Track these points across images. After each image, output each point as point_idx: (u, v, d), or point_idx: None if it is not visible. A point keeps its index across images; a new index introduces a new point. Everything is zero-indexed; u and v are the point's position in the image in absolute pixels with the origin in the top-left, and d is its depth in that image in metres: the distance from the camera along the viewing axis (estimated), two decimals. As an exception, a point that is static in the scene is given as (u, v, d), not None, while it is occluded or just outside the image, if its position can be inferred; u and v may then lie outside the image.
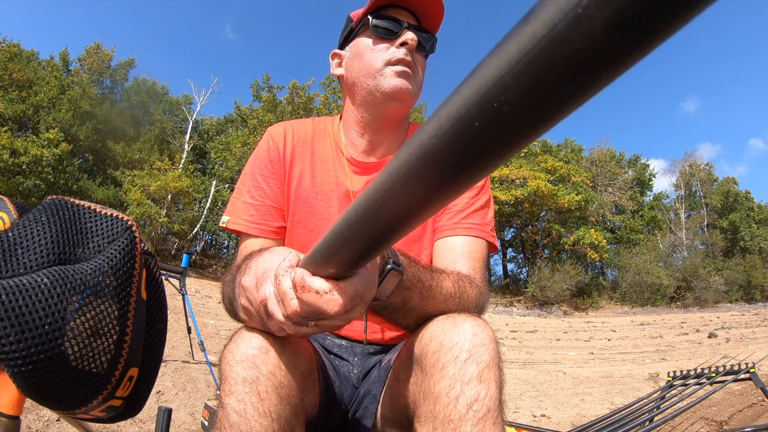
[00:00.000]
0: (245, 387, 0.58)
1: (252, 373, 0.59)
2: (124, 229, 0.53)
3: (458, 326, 0.63)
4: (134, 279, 0.52)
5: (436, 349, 0.62)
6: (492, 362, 0.60)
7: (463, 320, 0.64)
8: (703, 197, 30.86)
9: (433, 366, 0.61)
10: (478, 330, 0.62)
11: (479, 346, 0.60)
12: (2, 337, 0.41)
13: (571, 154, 29.16)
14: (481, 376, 0.58)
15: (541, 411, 4.00)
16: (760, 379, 2.50)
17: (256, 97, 24.62)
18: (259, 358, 0.60)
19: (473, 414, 0.56)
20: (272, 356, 0.61)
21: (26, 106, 18.80)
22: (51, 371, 0.44)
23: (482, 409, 0.56)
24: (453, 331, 0.63)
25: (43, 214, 0.49)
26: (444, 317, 0.66)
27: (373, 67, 0.87)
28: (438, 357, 0.61)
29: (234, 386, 0.59)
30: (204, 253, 21.68)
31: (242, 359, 0.60)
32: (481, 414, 0.56)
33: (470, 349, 0.60)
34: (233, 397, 0.58)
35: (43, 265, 0.47)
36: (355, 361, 0.90)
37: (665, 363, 6.91)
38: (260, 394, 0.58)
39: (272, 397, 0.58)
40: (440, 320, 0.66)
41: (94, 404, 0.49)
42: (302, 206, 0.93)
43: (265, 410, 0.57)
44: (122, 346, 0.50)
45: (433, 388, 0.59)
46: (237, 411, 0.57)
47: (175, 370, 3.52)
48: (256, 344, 0.61)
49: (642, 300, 21.78)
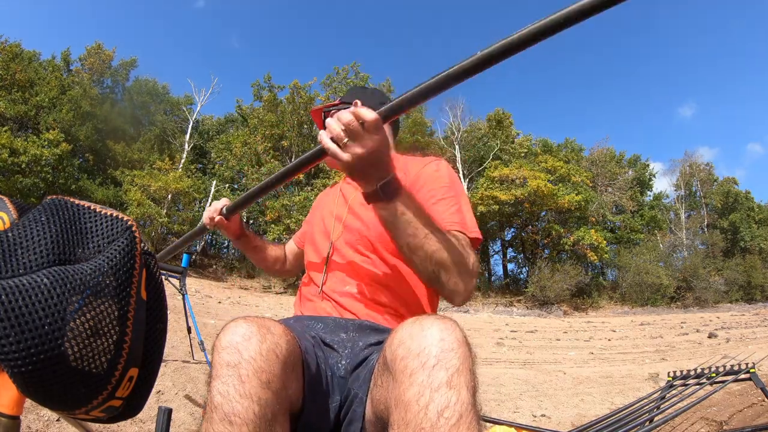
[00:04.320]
0: (228, 371, 0.63)
1: (234, 358, 0.64)
2: (124, 229, 0.54)
3: (425, 330, 0.63)
4: (134, 279, 0.52)
5: (405, 355, 0.62)
6: (462, 367, 0.60)
7: (430, 324, 0.64)
8: (703, 197, 30.86)
9: (402, 372, 0.61)
10: (446, 334, 0.62)
11: (447, 350, 0.60)
12: (2, 338, 0.41)
13: (572, 154, 29.16)
14: (451, 382, 0.58)
15: (541, 411, 4.01)
16: (760, 379, 2.50)
17: (257, 97, 24.64)
18: (242, 344, 0.65)
19: (445, 421, 0.55)
20: (254, 343, 0.65)
21: (27, 106, 18.81)
22: (51, 371, 0.44)
23: (454, 416, 0.56)
24: (420, 335, 0.62)
25: (43, 214, 0.49)
26: (412, 320, 0.66)
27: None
28: (406, 363, 0.61)
29: (219, 370, 0.64)
30: (204, 253, 21.70)
31: (227, 345, 0.65)
32: (453, 421, 0.55)
33: (438, 355, 0.60)
34: (218, 380, 0.63)
35: (43, 265, 0.47)
36: (345, 353, 0.90)
37: (665, 363, 6.91)
38: (241, 377, 0.62)
39: (252, 381, 0.62)
40: (408, 324, 0.66)
41: (94, 404, 0.49)
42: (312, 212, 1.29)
43: (246, 392, 0.61)
44: (122, 347, 0.50)
45: (403, 395, 0.59)
46: (221, 392, 0.62)
47: (175, 370, 3.52)
48: (240, 332, 0.66)
49: (642, 300, 21.77)
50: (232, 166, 22.06)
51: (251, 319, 0.70)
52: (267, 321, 0.71)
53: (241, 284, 19.14)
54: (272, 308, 12.34)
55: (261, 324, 0.69)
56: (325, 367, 0.85)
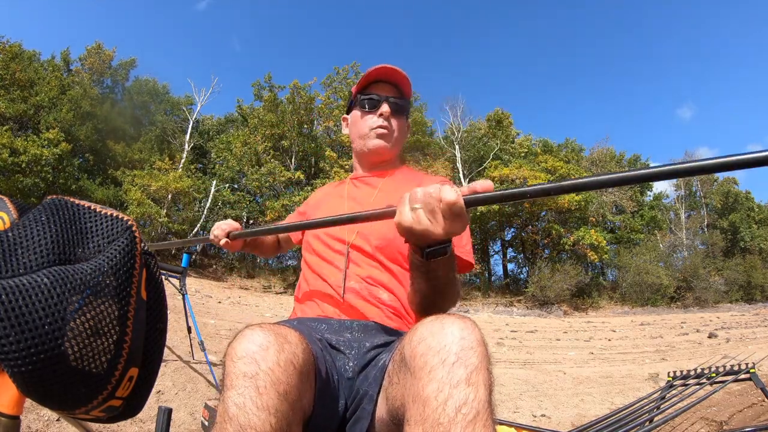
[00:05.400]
0: (245, 382, 0.61)
1: (252, 369, 0.62)
2: (124, 229, 0.53)
3: (446, 328, 0.63)
4: (134, 279, 0.52)
5: (424, 352, 0.62)
6: (480, 365, 0.60)
7: (451, 322, 0.64)
8: (703, 197, 30.85)
9: (422, 369, 0.61)
10: (466, 333, 0.63)
11: (467, 349, 0.61)
12: (2, 338, 0.41)
13: (572, 154, 29.15)
14: (470, 379, 0.59)
15: (541, 411, 4.01)
16: (760, 380, 2.50)
17: (258, 97, 24.64)
18: (259, 354, 0.63)
19: (462, 417, 0.56)
20: (272, 353, 0.63)
21: (27, 106, 18.81)
22: (51, 371, 0.44)
23: (471, 412, 0.56)
24: (441, 333, 0.63)
25: (43, 213, 0.49)
26: (432, 318, 0.67)
27: (362, 131, 1.20)
28: (426, 360, 0.62)
29: (235, 381, 0.62)
30: (204, 252, 21.67)
31: (243, 355, 0.63)
32: (470, 417, 0.56)
33: (458, 352, 0.60)
34: (234, 390, 0.61)
35: (43, 265, 0.47)
36: (352, 354, 0.90)
37: (665, 363, 6.91)
38: (259, 389, 0.60)
39: (270, 393, 0.60)
40: (428, 322, 0.66)
41: (94, 404, 0.49)
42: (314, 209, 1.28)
43: (264, 404, 0.60)
44: (122, 346, 0.50)
45: (422, 391, 0.60)
46: (236, 404, 0.60)
47: (175, 370, 3.52)
48: (258, 341, 0.64)
49: (642, 300, 21.76)
50: (232, 166, 22.05)
51: (267, 327, 0.69)
52: (283, 329, 0.70)
53: (241, 284, 19.14)
54: (272, 308, 12.34)
55: (278, 333, 0.68)
56: (334, 370, 0.85)
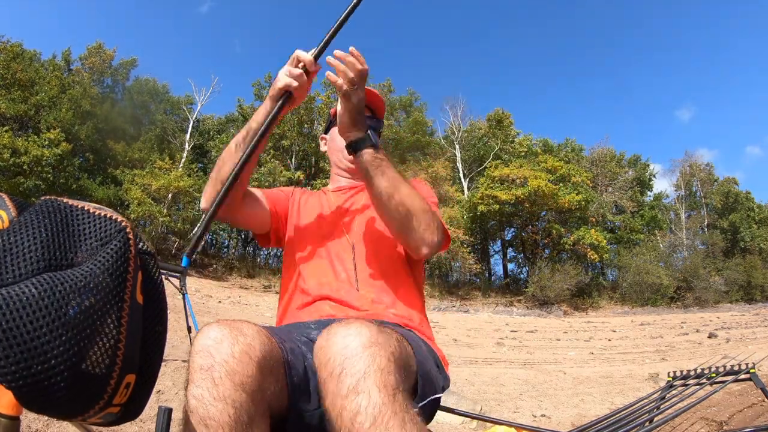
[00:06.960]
0: (202, 374, 0.63)
1: (207, 361, 0.64)
2: (117, 231, 0.52)
3: (330, 339, 0.66)
4: (128, 283, 0.50)
5: (318, 364, 0.66)
6: (368, 370, 0.61)
7: (335, 332, 0.66)
8: (703, 197, 30.83)
9: (320, 381, 0.65)
10: (349, 340, 0.64)
11: (350, 357, 0.62)
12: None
13: (572, 154, 29.15)
14: (357, 387, 0.59)
15: (541, 411, 4.00)
16: (760, 380, 2.49)
17: (258, 97, 24.65)
18: (214, 347, 0.65)
19: (359, 426, 0.57)
20: (226, 345, 0.65)
21: (28, 106, 18.80)
22: (42, 385, 0.43)
23: (367, 420, 0.57)
24: (326, 345, 0.66)
25: (35, 216, 0.48)
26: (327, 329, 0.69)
27: (340, 146, 1.22)
28: (320, 373, 0.65)
29: (193, 374, 0.64)
30: (204, 252, 21.68)
31: (200, 349, 0.66)
32: (367, 425, 0.57)
33: (342, 363, 0.62)
34: (193, 384, 0.63)
35: (32, 272, 0.46)
36: None
37: (665, 363, 6.91)
38: (215, 380, 0.62)
39: (226, 383, 0.62)
40: (324, 333, 0.69)
41: (91, 413, 0.48)
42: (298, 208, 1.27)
43: (220, 395, 0.61)
44: (116, 354, 0.48)
45: (324, 402, 0.63)
46: (195, 396, 0.62)
47: (175, 370, 3.52)
48: (212, 336, 0.66)
49: (642, 300, 21.76)
50: (232, 165, 22.05)
51: (224, 322, 0.70)
52: (240, 323, 0.71)
53: (241, 284, 19.14)
54: (272, 308, 12.34)
55: (233, 326, 0.69)
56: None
